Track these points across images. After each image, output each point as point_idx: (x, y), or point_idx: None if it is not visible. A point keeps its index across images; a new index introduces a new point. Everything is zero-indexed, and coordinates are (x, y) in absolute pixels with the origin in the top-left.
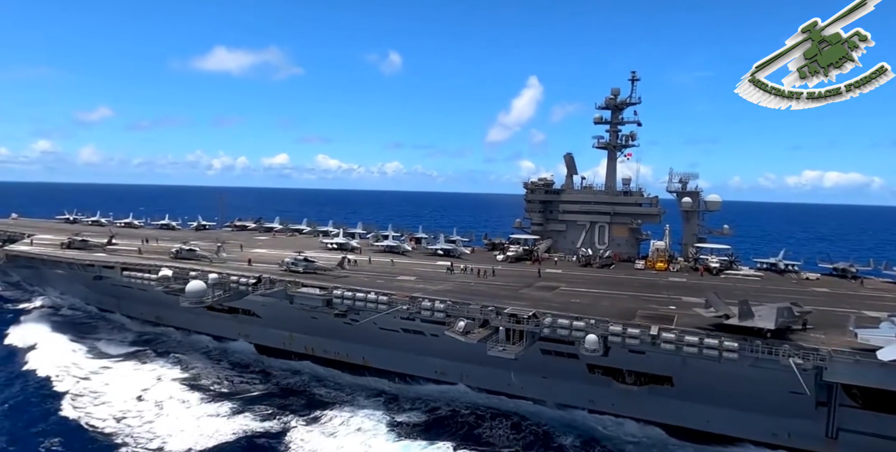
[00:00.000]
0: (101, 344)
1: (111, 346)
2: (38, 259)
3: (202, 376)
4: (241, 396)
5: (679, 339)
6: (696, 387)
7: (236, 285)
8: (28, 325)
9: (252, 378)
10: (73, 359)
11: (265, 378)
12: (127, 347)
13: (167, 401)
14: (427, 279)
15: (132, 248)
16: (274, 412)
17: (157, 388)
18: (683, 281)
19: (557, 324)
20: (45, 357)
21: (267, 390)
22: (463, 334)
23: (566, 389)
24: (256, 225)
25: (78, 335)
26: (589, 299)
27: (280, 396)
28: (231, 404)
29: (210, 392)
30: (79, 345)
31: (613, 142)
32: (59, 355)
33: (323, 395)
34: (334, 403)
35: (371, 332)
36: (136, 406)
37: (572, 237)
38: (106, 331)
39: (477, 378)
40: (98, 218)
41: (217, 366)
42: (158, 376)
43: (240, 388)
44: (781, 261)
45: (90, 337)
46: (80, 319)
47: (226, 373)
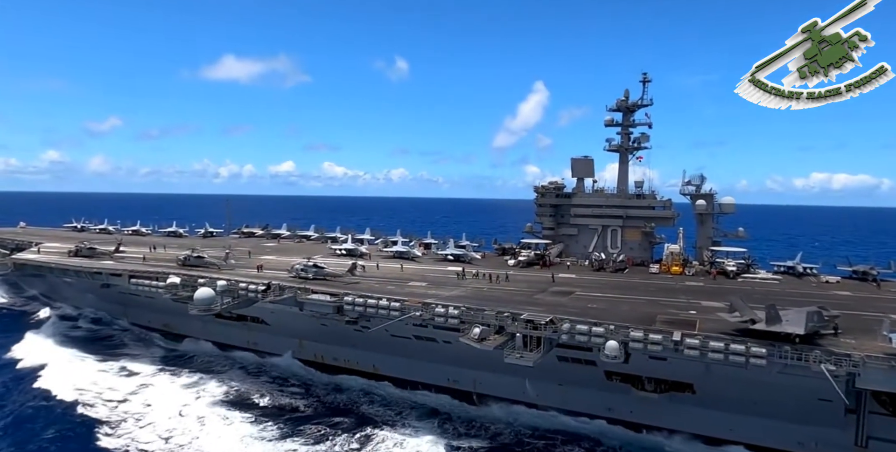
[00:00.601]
0: (128, 362)
1: (140, 363)
2: (45, 267)
3: (243, 391)
4: (286, 414)
5: (703, 345)
6: (719, 395)
7: (245, 292)
8: (45, 342)
9: (294, 393)
10: (103, 381)
11: (307, 393)
12: (158, 363)
13: (210, 418)
14: (439, 284)
15: (140, 256)
16: (323, 432)
17: (198, 405)
18: (700, 285)
19: (576, 330)
20: (69, 379)
21: (311, 406)
22: (478, 341)
23: (583, 397)
24: (264, 231)
25: (102, 352)
26: (606, 304)
27: (327, 413)
28: (276, 422)
29: (253, 410)
30: (106, 364)
31: (625, 144)
32: (85, 376)
33: (372, 414)
34: (385, 423)
35: (382, 339)
36: (181, 423)
37: (584, 241)
38: (132, 346)
39: (490, 386)
40: (106, 226)
41: (256, 381)
42: (197, 393)
43: (282, 403)
44: (799, 265)
45: (116, 353)
46: (100, 333)
47: (267, 388)
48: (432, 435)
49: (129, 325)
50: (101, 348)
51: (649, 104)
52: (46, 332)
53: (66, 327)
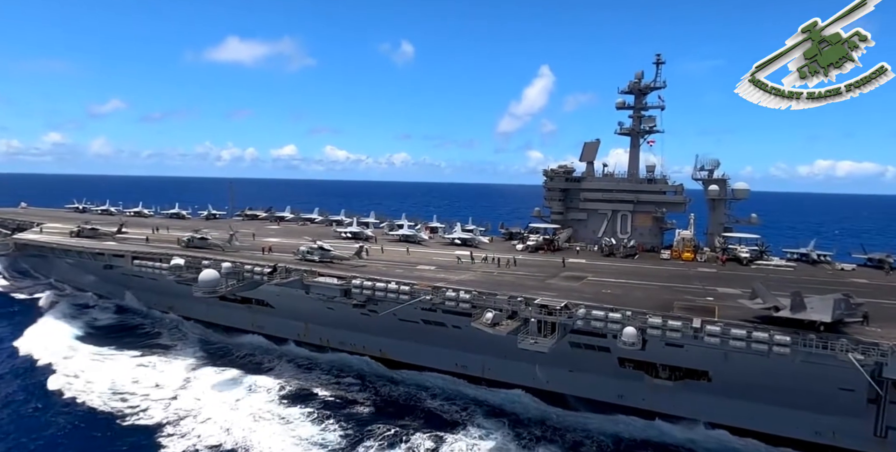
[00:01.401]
0: (168, 355)
1: (181, 355)
2: (47, 247)
3: (298, 386)
4: (346, 411)
5: (725, 332)
6: (736, 383)
7: (250, 274)
8: (69, 333)
9: (350, 385)
10: (145, 376)
11: (364, 388)
12: (199, 355)
13: (269, 416)
14: (447, 268)
15: (142, 237)
16: (395, 431)
17: (251, 402)
18: (714, 271)
19: (592, 316)
20: (109, 375)
21: (371, 402)
22: (491, 326)
23: (594, 383)
24: (267, 214)
25: (134, 344)
26: (620, 290)
27: (388, 411)
28: (336, 417)
29: (311, 404)
30: (145, 358)
31: (636, 127)
32: (125, 372)
33: (438, 409)
34: (454, 423)
35: (390, 323)
36: (240, 421)
37: (593, 226)
38: (168, 337)
39: (500, 372)
40: (108, 207)
41: (308, 375)
42: (249, 389)
43: (341, 398)
44: (813, 252)
45: (150, 344)
46: (128, 322)
47: (321, 381)
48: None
49: (159, 313)
50: (132, 339)
51: (662, 87)
52: (69, 322)
53: (87, 316)
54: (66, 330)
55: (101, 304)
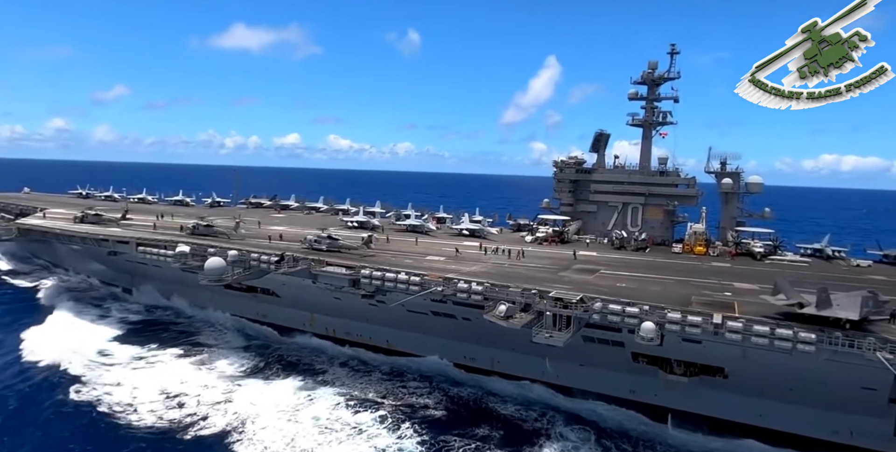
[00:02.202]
0: (212, 356)
1: (226, 357)
2: (50, 233)
3: (357, 391)
4: (418, 416)
5: (747, 329)
6: (754, 380)
7: (257, 263)
8: (103, 331)
9: (419, 389)
10: (193, 378)
11: (431, 390)
12: (245, 356)
13: (332, 425)
14: (458, 259)
15: (147, 224)
16: (474, 438)
17: (314, 409)
18: (728, 266)
19: (608, 310)
20: (159, 379)
21: (442, 406)
22: (504, 319)
23: (605, 378)
24: (272, 202)
25: (172, 342)
26: (635, 283)
27: (461, 414)
28: (413, 427)
29: (373, 410)
30: (192, 358)
31: (649, 119)
32: (174, 374)
33: (516, 417)
34: (539, 432)
35: (397, 314)
36: (306, 429)
37: (603, 218)
38: (206, 334)
39: (509, 365)
40: (111, 193)
41: (367, 378)
42: (307, 394)
43: (408, 403)
44: (828, 247)
45: (192, 342)
46: (160, 318)
47: (386, 387)
48: None
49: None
50: (168, 337)
51: (676, 77)
52: (91, 318)
53: (113, 312)
54: (90, 328)
55: (119, 296)
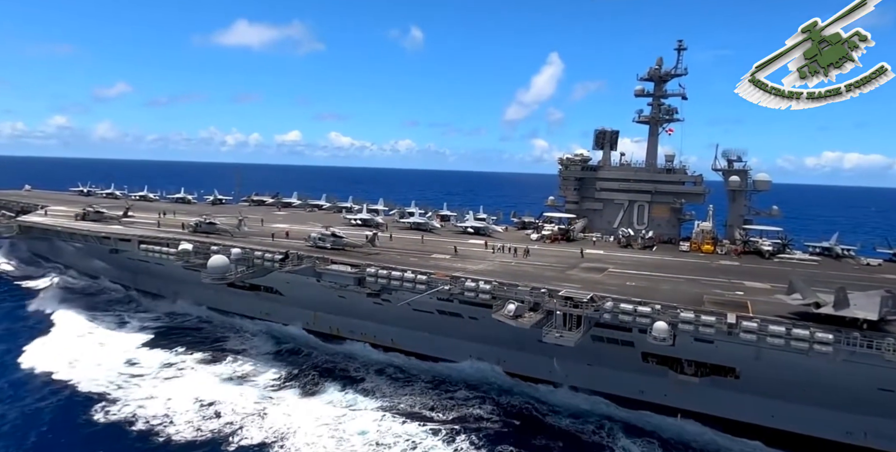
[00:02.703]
0: (243, 363)
1: (257, 363)
2: (51, 230)
3: (398, 398)
4: (473, 429)
5: (762, 329)
6: (767, 380)
7: (261, 261)
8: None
9: (467, 400)
10: (224, 391)
11: (480, 400)
12: (277, 363)
13: (385, 438)
14: (464, 257)
15: (148, 221)
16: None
17: (360, 422)
18: (737, 264)
19: (619, 309)
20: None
21: (495, 417)
22: (513, 318)
23: (614, 378)
24: (274, 200)
25: (203, 348)
26: (645, 282)
27: (518, 430)
28: (471, 443)
29: (428, 424)
30: (222, 365)
31: (656, 115)
32: (206, 386)
33: (573, 429)
34: (601, 446)
35: (403, 313)
36: (354, 445)
37: (609, 216)
38: (233, 340)
39: (515, 364)
40: (112, 190)
41: (410, 387)
42: (348, 405)
43: (461, 415)
44: (837, 246)
45: (217, 348)
46: (184, 324)
47: (431, 397)
48: None
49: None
50: (196, 342)
51: (684, 74)
52: (109, 324)
53: (136, 319)
54: (107, 336)
55: (133, 298)
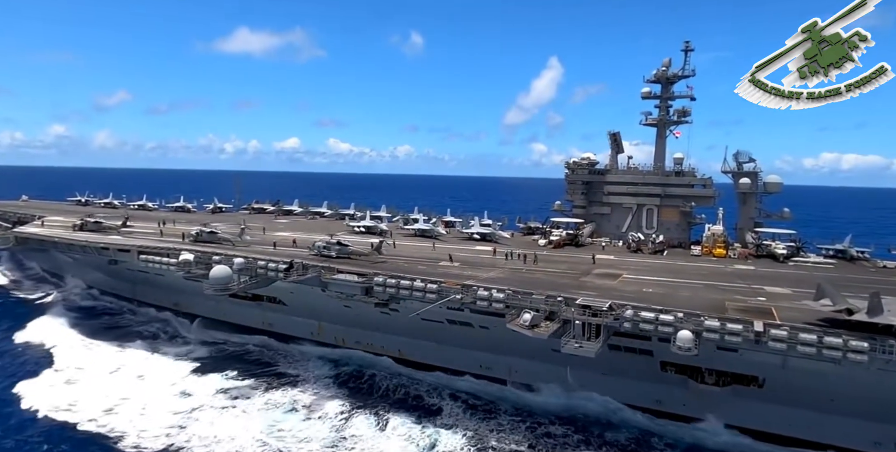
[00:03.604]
0: (305, 391)
1: (320, 390)
2: (48, 241)
3: (496, 440)
4: None
5: (792, 337)
6: (793, 389)
7: (264, 271)
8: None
9: (565, 436)
10: (299, 422)
11: (583, 438)
12: (341, 390)
13: None
14: (472, 265)
15: (148, 231)
16: None
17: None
18: (752, 269)
19: (640, 318)
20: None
21: None
22: (529, 328)
23: (631, 388)
24: (275, 207)
25: (254, 374)
26: (663, 289)
27: None
28: None
29: None
30: (281, 393)
31: (663, 118)
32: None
33: None
34: None
35: (411, 323)
36: None
37: (617, 221)
38: (284, 363)
39: (527, 375)
40: (111, 200)
41: (495, 420)
42: (432, 442)
43: None
44: (851, 248)
45: (273, 373)
46: (229, 346)
47: (524, 433)
48: None
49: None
50: (246, 369)
51: (691, 75)
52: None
53: (174, 339)
54: (148, 360)
55: (168, 320)
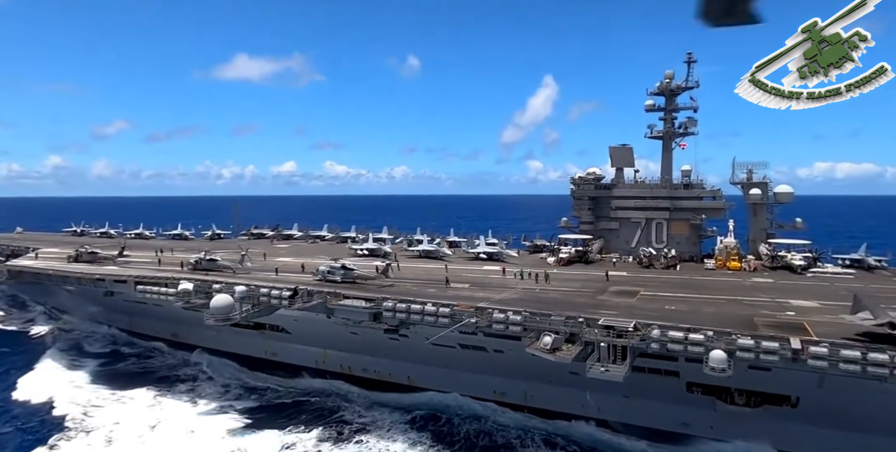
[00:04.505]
0: (375, 444)
1: (388, 441)
2: (42, 274)
3: None
4: None
5: (833, 354)
6: (830, 409)
7: (267, 298)
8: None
9: None
10: None
11: None
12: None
13: None
14: (483, 286)
15: (145, 260)
16: None
17: None
18: (771, 281)
19: (668, 338)
20: None
21: None
22: (550, 352)
23: (655, 411)
24: (274, 232)
25: (306, 420)
26: (686, 305)
27: None
28: None
29: None
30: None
31: (669, 130)
32: None
33: None
34: None
35: (421, 349)
36: None
37: (626, 236)
38: (349, 410)
39: (544, 399)
40: (107, 229)
41: None
42: None
43: None
44: (869, 257)
45: (337, 420)
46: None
47: None
48: None
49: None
50: (307, 417)
51: (695, 86)
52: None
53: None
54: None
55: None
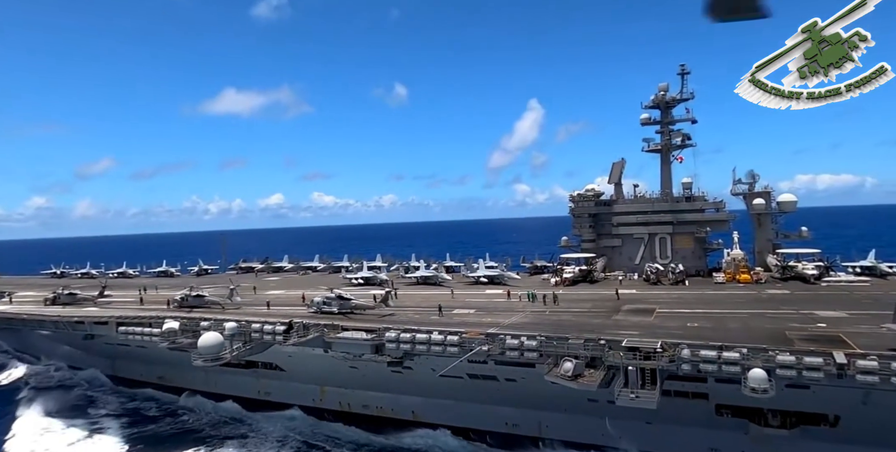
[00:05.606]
0: None
1: None
2: (17, 319)
3: None
4: None
5: (884, 368)
6: (876, 427)
7: (260, 334)
8: None
9: None
10: None
11: None
12: None
13: None
14: (489, 310)
15: (127, 300)
16: None
17: None
18: (787, 292)
19: (700, 358)
20: None
21: None
22: (572, 378)
23: (680, 436)
24: (264, 265)
25: None
26: (707, 321)
27: None
28: None
29: None
30: None
31: (666, 143)
32: None
33: None
34: None
35: (426, 381)
36: None
37: (629, 252)
38: None
39: (560, 430)
40: (88, 269)
41: None
42: None
43: None
44: (880, 264)
45: None
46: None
47: None
48: None
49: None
50: None
51: (690, 98)
52: None
53: None
54: None
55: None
